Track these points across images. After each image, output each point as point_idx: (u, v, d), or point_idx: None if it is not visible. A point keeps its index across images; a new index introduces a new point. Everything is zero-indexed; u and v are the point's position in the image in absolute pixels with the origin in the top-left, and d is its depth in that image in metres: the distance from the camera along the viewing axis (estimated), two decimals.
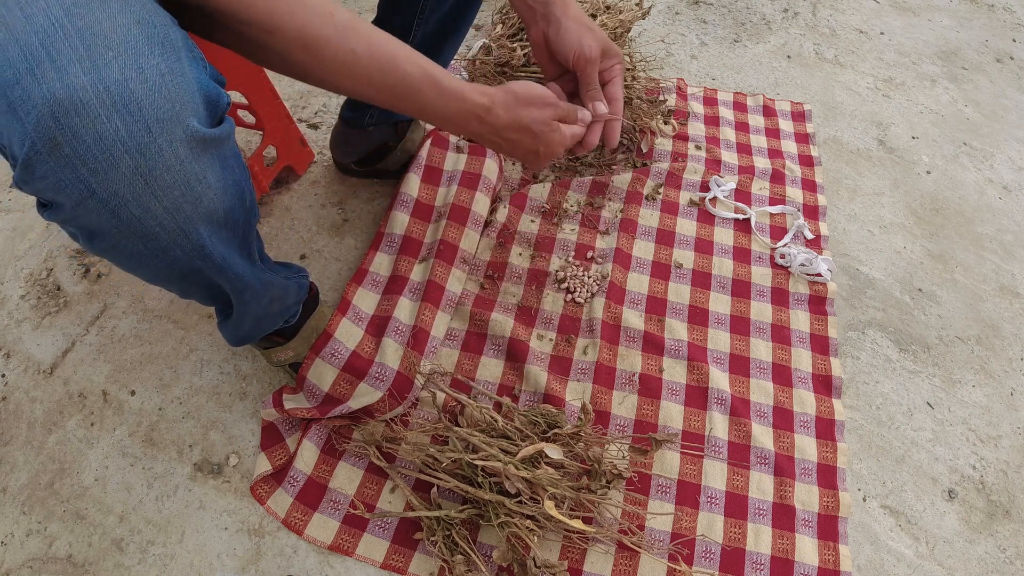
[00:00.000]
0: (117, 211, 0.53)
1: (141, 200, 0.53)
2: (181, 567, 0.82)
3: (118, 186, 0.51)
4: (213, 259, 0.63)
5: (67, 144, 0.48)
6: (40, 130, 0.46)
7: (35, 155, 0.48)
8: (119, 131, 0.49)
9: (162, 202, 0.54)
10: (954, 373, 1.07)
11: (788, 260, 1.14)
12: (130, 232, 0.55)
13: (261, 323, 0.84)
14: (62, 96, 0.46)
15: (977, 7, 1.84)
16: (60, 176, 0.49)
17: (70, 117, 0.46)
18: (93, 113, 0.47)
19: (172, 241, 0.58)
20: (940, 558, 0.89)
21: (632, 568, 0.83)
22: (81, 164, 0.49)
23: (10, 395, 0.96)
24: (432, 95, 0.66)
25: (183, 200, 0.55)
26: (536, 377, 0.97)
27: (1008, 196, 1.35)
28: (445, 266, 1.05)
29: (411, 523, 0.85)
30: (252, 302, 0.77)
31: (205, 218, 0.59)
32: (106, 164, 0.50)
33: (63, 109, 0.46)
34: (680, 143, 1.32)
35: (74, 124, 0.47)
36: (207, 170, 0.56)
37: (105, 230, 0.55)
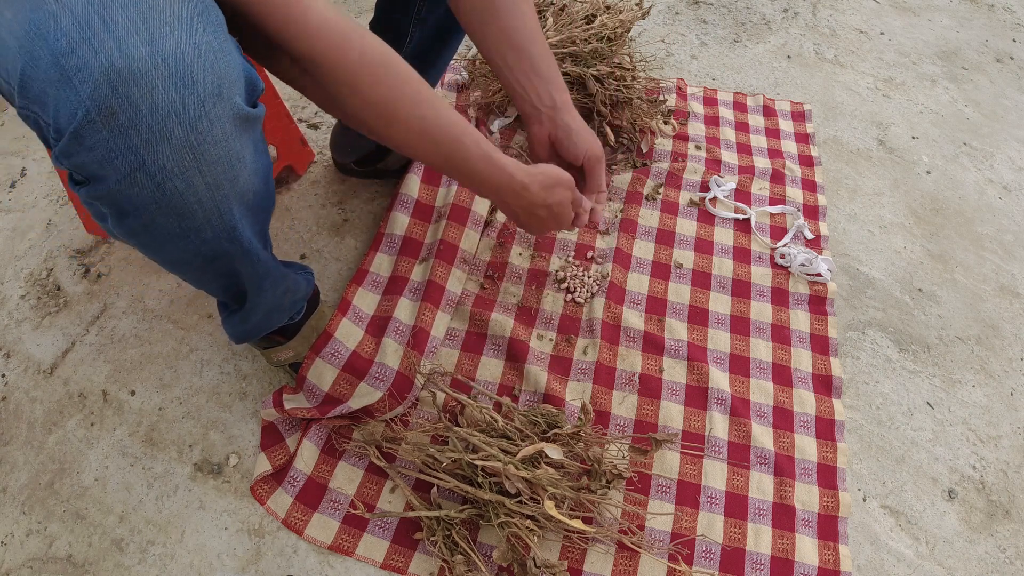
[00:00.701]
0: (162, 185, 0.53)
1: (187, 174, 0.54)
2: (181, 567, 0.82)
3: (167, 159, 0.52)
4: (241, 242, 0.65)
5: (123, 113, 0.48)
6: (96, 98, 0.47)
7: (88, 124, 0.48)
8: (175, 102, 0.49)
9: (205, 178, 0.55)
10: (954, 373, 1.07)
11: (788, 260, 1.14)
12: (169, 208, 0.56)
13: (271, 316, 0.85)
14: (121, 65, 0.46)
15: (977, 7, 1.84)
16: (111, 147, 0.50)
17: (128, 86, 0.47)
18: (151, 83, 0.48)
19: (206, 220, 0.59)
20: (940, 558, 0.89)
21: (632, 568, 0.83)
22: (135, 134, 0.49)
23: (10, 395, 0.96)
24: (483, 167, 0.72)
25: (223, 177, 0.57)
26: (536, 377, 0.97)
27: (1008, 196, 1.35)
28: (445, 266, 1.05)
29: (411, 523, 0.85)
30: (269, 291, 0.78)
31: (239, 198, 0.61)
32: (160, 135, 0.50)
33: (121, 78, 0.47)
34: (680, 143, 1.32)
35: (132, 93, 0.47)
36: (245, 150, 0.58)
37: (143, 206, 0.55)
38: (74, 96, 0.46)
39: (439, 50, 1.03)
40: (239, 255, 0.67)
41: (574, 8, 1.29)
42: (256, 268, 0.72)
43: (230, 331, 0.86)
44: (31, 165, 1.24)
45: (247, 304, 0.79)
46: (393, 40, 0.99)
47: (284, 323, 0.89)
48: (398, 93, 0.65)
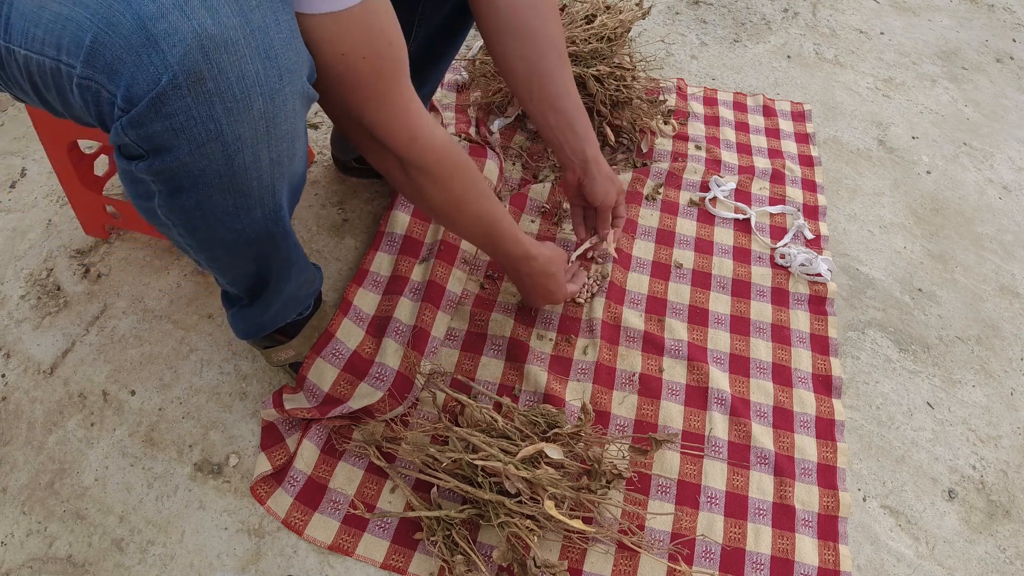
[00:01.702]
0: (233, 157, 0.55)
1: (257, 147, 0.55)
2: (181, 567, 0.82)
3: (244, 129, 0.53)
4: (284, 224, 0.67)
5: (211, 80, 0.49)
6: (186, 63, 0.47)
7: (173, 90, 0.48)
8: (259, 73, 0.51)
9: (271, 152, 0.57)
10: (954, 373, 1.07)
11: (788, 260, 1.14)
12: (230, 183, 0.57)
13: (286, 307, 0.86)
14: (214, 32, 0.47)
15: (977, 7, 1.84)
16: (193, 113, 0.50)
17: (219, 53, 0.48)
18: (240, 52, 0.49)
19: (260, 198, 0.61)
20: (940, 558, 0.89)
21: (632, 568, 0.83)
22: (219, 102, 0.50)
23: (10, 395, 0.96)
24: (511, 244, 0.88)
25: (285, 154, 0.59)
26: (536, 377, 0.97)
27: (1008, 196, 1.35)
28: (446, 266, 1.05)
29: (411, 523, 0.85)
30: (294, 279, 0.80)
31: (290, 178, 0.63)
32: (243, 104, 0.52)
33: (214, 44, 0.48)
34: (680, 143, 1.32)
35: (222, 60, 0.48)
36: (302, 130, 0.60)
37: (206, 180, 0.56)
38: (160, 61, 0.47)
39: (442, 50, 1.03)
40: (279, 237, 0.69)
41: (574, 8, 1.29)
42: (290, 253, 0.74)
43: (240, 325, 0.86)
44: (31, 165, 1.24)
45: (265, 295, 0.80)
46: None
47: (294, 318, 0.89)
48: (471, 190, 0.80)
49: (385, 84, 0.67)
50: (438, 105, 1.33)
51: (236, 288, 0.80)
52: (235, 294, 0.83)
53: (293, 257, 0.76)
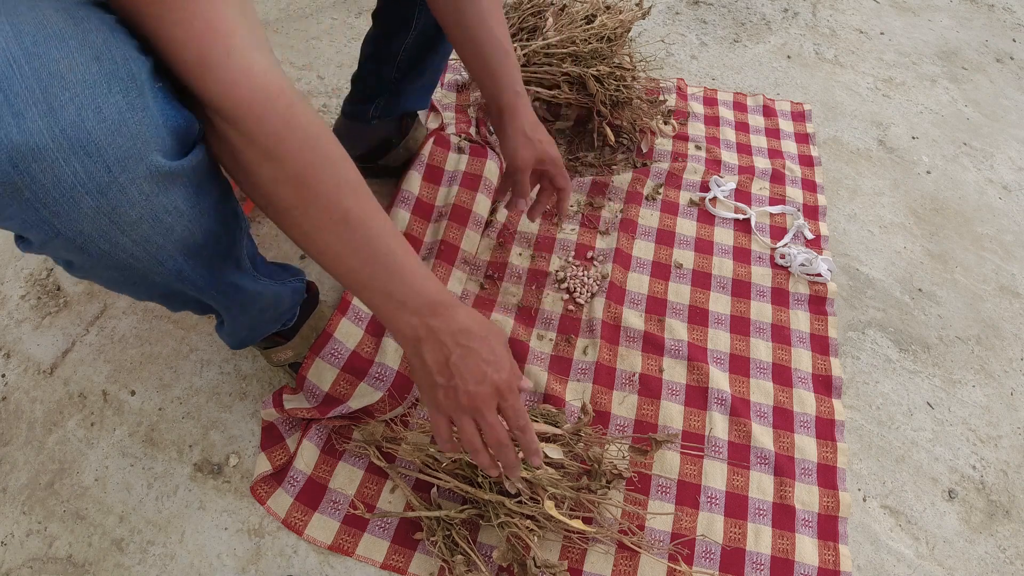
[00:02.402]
0: (85, 247, 0.53)
1: (108, 236, 0.53)
2: (181, 567, 0.82)
3: (82, 225, 0.51)
4: (194, 281, 0.64)
5: (27, 189, 0.47)
6: (1, 175, 0.46)
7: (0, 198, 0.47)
8: (77, 173, 0.48)
9: (130, 236, 0.54)
10: (954, 373, 1.07)
11: (788, 260, 1.14)
12: (104, 265, 0.56)
13: (255, 330, 0.86)
14: (19, 142, 0.45)
15: (977, 7, 1.84)
16: (25, 218, 0.49)
17: (28, 163, 0.46)
18: (50, 158, 0.46)
19: (148, 269, 0.59)
20: (940, 558, 0.89)
21: (632, 568, 0.83)
22: (43, 207, 0.49)
23: (10, 395, 0.96)
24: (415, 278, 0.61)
25: (152, 232, 0.55)
26: (536, 377, 0.96)
27: (1008, 196, 1.35)
28: (446, 267, 1.05)
29: (411, 523, 0.85)
30: (240, 314, 0.78)
31: (180, 245, 0.59)
32: (68, 206, 0.49)
33: (20, 155, 0.45)
34: (680, 143, 1.32)
35: (32, 169, 0.46)
36: (177, 200, 0.55)
37: (79, 262, 0.56)
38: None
39: (440, 41, 1.03)
40: (195, 291, 0.67)
41: (574, 8, 1.29)
42: (217, 299, 0.71)
43: (224, 340, 0.88)
44: None
45: (228, 321, 0.80)
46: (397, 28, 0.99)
47: (276, 331, 0.90)
48: (323, 172, 0.56)
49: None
50: (438, 105, 1.33)
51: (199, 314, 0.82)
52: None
53: (226, 301, 0.73)
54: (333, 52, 1.48)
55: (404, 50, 1.02)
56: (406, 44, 1.01)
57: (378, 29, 1.03)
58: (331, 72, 1.44)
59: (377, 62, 1.05)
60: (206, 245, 0.62)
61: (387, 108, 1.10)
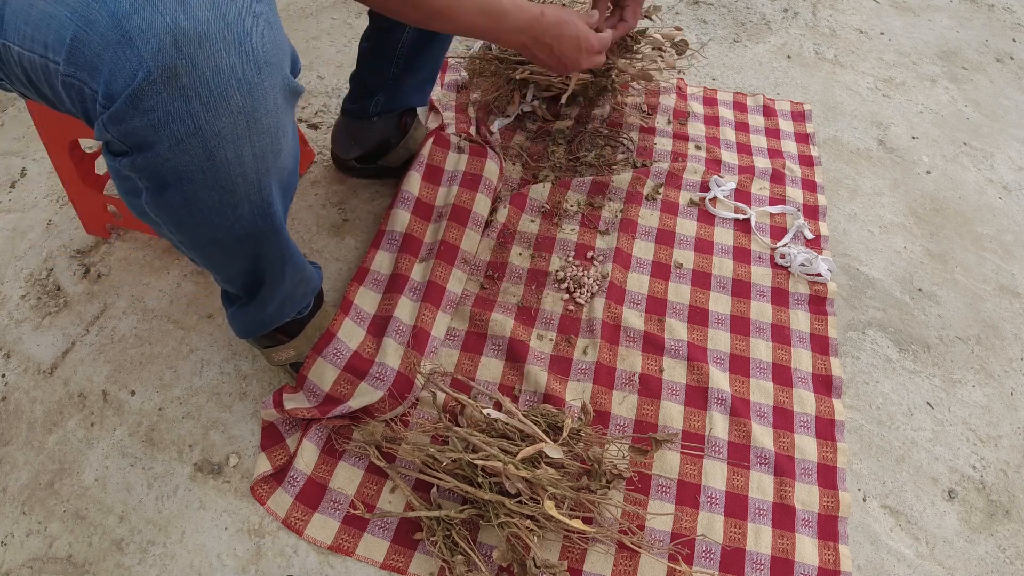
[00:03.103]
0: (214, 152, 0.54)
1: (238, 143, 0.55)
2: (181, 567, 0.82)
3: (223, 124, 0.53)
4: (274, 219, 0.66)
5: (186, 75, 0.49)
6: (160, 58, 0.47)
7: (148, 85, 0.48)
8: (235, 67, 0.50)
9: (254, 148, 0.56)
10: (954, 373, 1.07)
11: (788, 260, 1.14)
12: (215, 179, 0.57)
13: (283, 307, 0.85)
14: (187, 26, 0.47)
15: (977, 7, 1.84)
16: (169, 109, 0.50)
17: (193, 47, 0.48)
18: (215, 46, 0.49)
19: (246, 194, 0.60)
20: (940, 558, 0.89)
21: (632, 568, 0.83)
22: (195, 96, 0.50)
23: (10, 395, 0.96)
24: (515, 11, 0.83)
25: (269, 150, 0.58)
26: (536, 377, 0.97)
27: (1008, 196, 1.35)
28: (446, 267, 1.05)
29: (411, 523, 0.85)
30: (288, 277, 0.78)
31: (277, 174, 0.62)
32: (219, 98, 0.51)
33: (187, 39, 0.47)
34: (680, 143, 1.32)
35: (196, 55, 0.48)
36: (287, 124, 0.59)
37: (189, 176, 0.56)
38: (135, 57, 0.47)
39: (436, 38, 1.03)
40: (270, 234, 0.68)
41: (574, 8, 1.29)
42: (281, 250, 0.73)
43: (240, 324, 0.86)
44: (31, 165, 1.24)
45: (261, 293, 0.79)
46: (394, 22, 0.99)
47: (293, 317, 0.89)
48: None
49: None
50: (438, 105, 1.33)
51: (232, 286, 0.80)
52: (234, 292, 0.83)
53: (287, 255, 0.75)
54: (333, 52, 1.48)
55: (402, 44, 1.02)
56: (404, 38, 1.02)
57: (375, 25, 1.03)
58: (331, 72, 1.44)
59: (376, 58, 1.05)
60: (286, 185, 0.66)
61: (387, 104, 1.10)
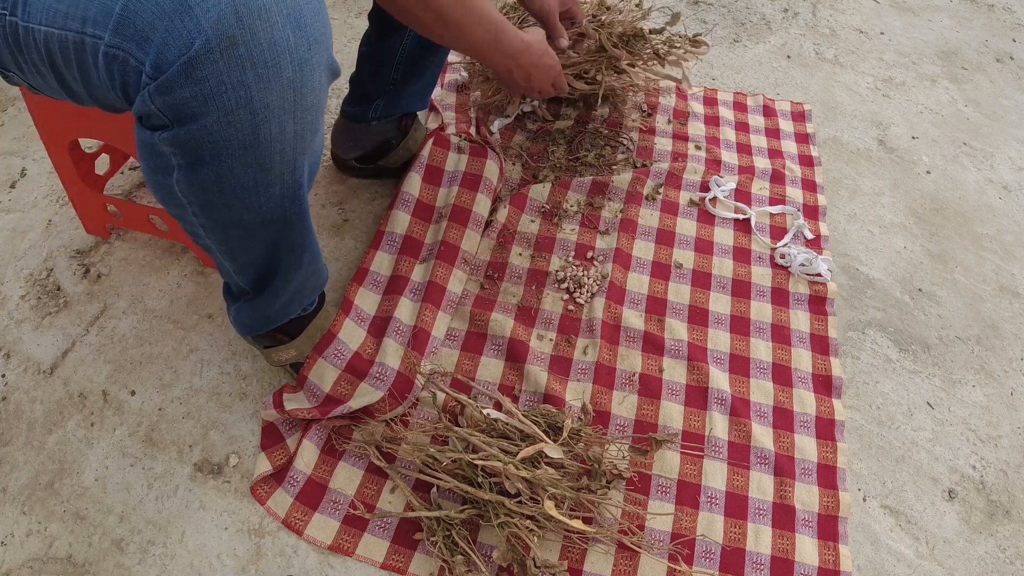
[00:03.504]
0: (260, 126, 0.55)
1: (283, 118, 0.56)
2: (181, 567, 0.82)
3: (272, 97, 0.54)
4: (301, 203, 0.67)
5: (244, 44, 0.50)
6: (220, 27, 0.48)
7: (206, 54, 0.49)
8: (289, 40, 0.52)
9: (296, 124, 0.58)
10: (954, 373, 1.07)
11: (788, 260, 1.14)
12: (253, 156, 0.57)
13: (292, 301, 0.85)
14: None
15: (977, 7, 1.84)
16: (224, 78, 0.51)
17: (253, 18, 0.49)
18: (273, 20, 0.50)
19: (280, 174, 0.61)
20: (940, 558, 0.89)
21: (632, 568, 0.83)
22: (251, 67, 0.51)
23: (10, 395, 0.96)
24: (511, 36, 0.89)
25: (308, 128, 0.59)
26: (536, 377, 0.97)
27: (1008, 196, 1.35)
28: (446, 267, 1.05)
29: (411, 523, 0.85)
30: (304, 266, 0.79)
31: (311, 155, 0.63)
32: (273, 71, 0.52)
33: (248, 9, 0.49)
34: (680, 143, 1.32)
35: (255, 26, 0.49)
36: (324, 104, 0.60)
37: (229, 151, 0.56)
38: (193, 25, 0.48)
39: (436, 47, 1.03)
40: (295, 218, 0.69)
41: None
42: (303, 236, 0.74)
43: (243, 319, 0.86)
44: (31, 165, 1.24)
45: (272, 286, 0.79)
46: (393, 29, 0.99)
47: (298, 314, 0.89)
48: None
49: None
50: (438, 105, 1.33)
51: (243, 278, 0.80)
52: (240, 288, 0.82)
53: (306, 242, 0.76)
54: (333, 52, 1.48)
55: (402, 51, 1.02)
56: (404, 45, 1.02)
57: (374, 29, 1.03)
58: None
59: (375, 63, 1.05)
60: (313, 170, 0.67)
61: (387, 109, 1.10)
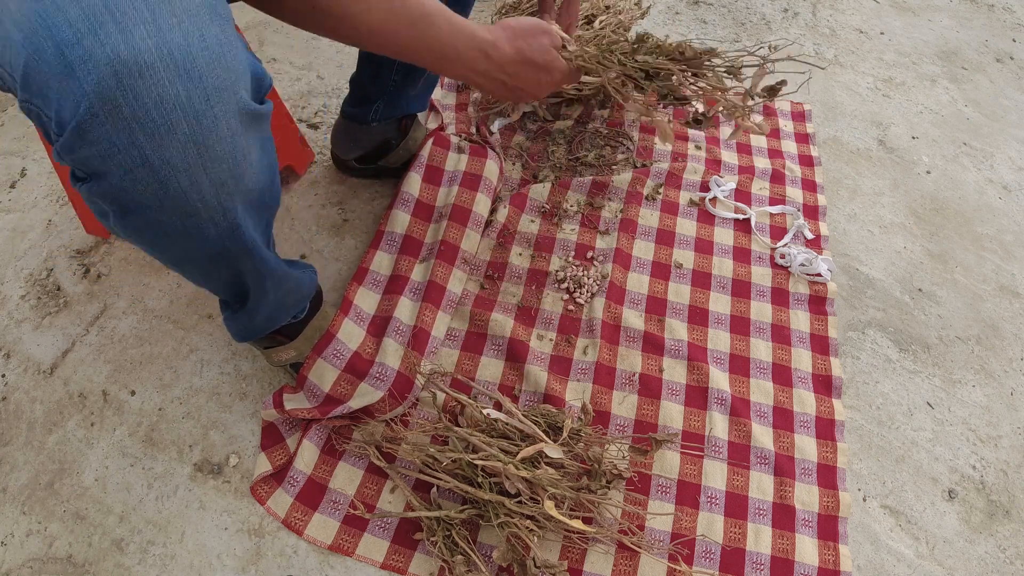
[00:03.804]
0: (166, 182, 0.53)
1: (191, 171, 0.53)
2: (181, 567, 0.82)
3: (171, 154, 0.51)
4: (244, 241, 0.64)
5: (127, 106, 0.47)
6: (100, 90, 0.46)
7: (91, 117, 0.47)
8: (179, 96, 0.49)
9: (210, 175, 0.54)
10: (954, 373, 1.07)
11: (788, 260, 1.14)
12: (172, 206, 0.55)
13: (274, 315, 0.85)
14: (126, 57, 0.45)
15: (977, 7, 1.84)
16: (114, 141, 0.49)
17: (133, 79, 0.46)
18: (156, 76, 0.47)
19: (210, 218, 0.58)
20: (940, 558, 0.89)
21: (632, 568, 0.83)
22: (139, 128, 0.48)
23: (10, 395, 0.96)
24: (447, 30, 0.70)
25: (228, 175, 0.56)
26: (536, 377, 0.96)
27: (1008, 196, 1.35)
28: (446, 267, 1.05)
29: (411, 523, 0.85)
30: (271, 291, 0.77)
31: (243, 196, 0.60)
32: (164, 129, 0.49)
33: (127, 69, 0.46)
34: (680, 143, 1.32)
35: (136, 86, 0.47)
36: (251, 147, 0.57)
37: (147, 204, 0.54)
38: (78, 88, 0.46)
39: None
40: (242, 254, 0.67)
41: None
42: (259, 267, 0.72)
43: (233, 329, 0.86)
44: (31, 165, 1.24)
45: (250, 302, 0.79)
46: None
47: (287, 322, 0.89)
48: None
49: None
50: (438, 105, 1.33)
51: (221, 295, 0.81)
52: (223, 299, 0.83)
53: (265, 271, 0.73)
54: (333, 52, 1.48)
55: None
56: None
57: None
58: (331, 72, 1.44)
59: (375, 65, 1.04)
60: (259, 206, 0.64)
61: (386, 111, 1.10)
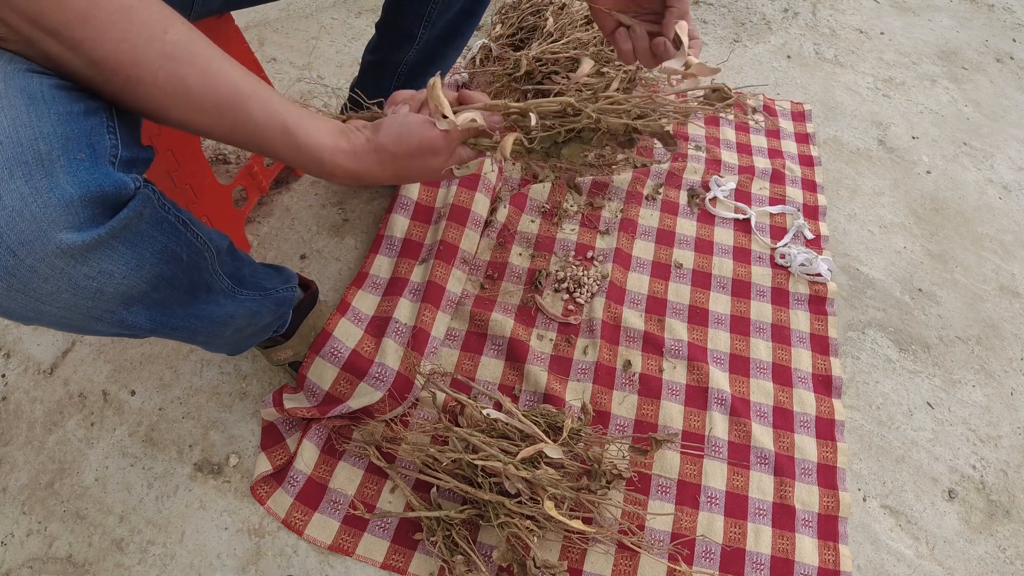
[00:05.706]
0: (21, 317, 0.53)
1: (29, 308, 0.52)
2: (181, 567, 0.82)
3: (6, 303, 0.50)
4: (140, 327, 0.61)
5: None
6: None
7: None
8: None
9: (53, 305, 0.53)
10: (954, 373, 1.07)
11: (788, 260, 1.14)
12: (47, 323, 0.55)
13: (237, 345, 0.81)
14: None
15: (977, 7, 1.84)
16: None
17: None
18: None
19: (86, 325, 0.57)
20: (940, 558, 0.89)
21: (632, 568, 0.83)
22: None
23: (10, 395, 0.96)
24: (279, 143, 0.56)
25: (77, 299, 0.54)
26: (536, 377, 0.96)
27: (1008, 196, 1.35)
28: (445, 267, 1.05)
29: (411, 523, 0.85)
30: (212, 337, 0.73)
31: (117, 300, 0.56)
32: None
33: None
34: (680, 143, 1.32)
35: None
36: (102, 263, 0.53)
37: (16, 319, 0.54)
38: None
39: (445, 52, 1.03)
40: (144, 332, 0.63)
41: (574, 7, 1.29)
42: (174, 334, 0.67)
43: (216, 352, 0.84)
44: None
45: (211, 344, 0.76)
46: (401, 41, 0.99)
47: (272, 334, 0.87)
48: (138, 39, 0.49)
49: None
50: None
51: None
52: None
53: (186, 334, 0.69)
54: (333, 52, 1.48)
55: (405, 63, 1.02)
56: (408, 57, 1.01)
57: (382, 39, 1.02)
58: (331, 72, 1.44)
59: (378, 73, 1.04)
60: (155, 290, 0.60)
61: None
